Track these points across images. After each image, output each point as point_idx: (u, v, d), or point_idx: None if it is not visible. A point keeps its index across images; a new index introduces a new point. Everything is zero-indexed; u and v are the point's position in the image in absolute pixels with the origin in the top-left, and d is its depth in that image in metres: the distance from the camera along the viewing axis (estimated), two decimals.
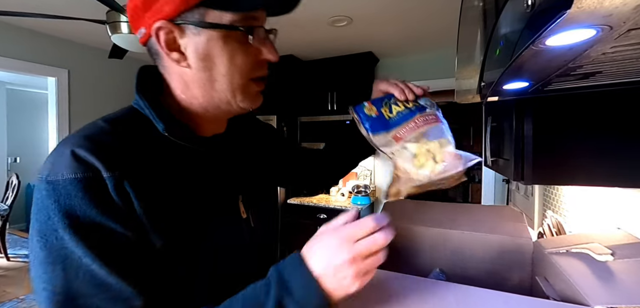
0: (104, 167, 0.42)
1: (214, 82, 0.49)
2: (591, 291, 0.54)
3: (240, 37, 0.47)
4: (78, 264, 0.40)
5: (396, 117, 0.59)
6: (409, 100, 0.63)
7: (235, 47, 0.48)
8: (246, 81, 0.50)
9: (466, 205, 1.14)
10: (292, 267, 0.44)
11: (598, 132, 0.65)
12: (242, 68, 0.49)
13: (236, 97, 0.51)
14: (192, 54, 0.47)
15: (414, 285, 0.60)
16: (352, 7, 2.06)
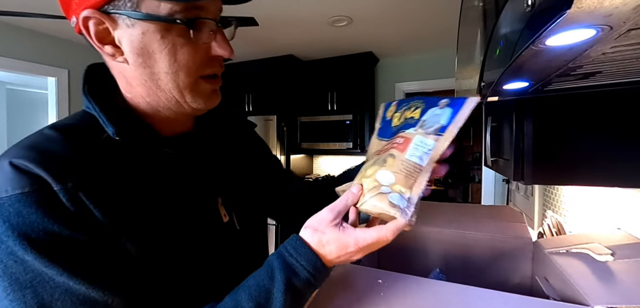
0: (53, 179, 0.37)
1: (157, 80, 0.44)
2: (591, 291, 0.54)
3: (182, 30, 0.42)
4: (52, 285, 0.36)
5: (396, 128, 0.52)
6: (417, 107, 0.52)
7: (177, 42, 0.42)
8: (195, 79, 0.45)
9: (466, 205, 1.14)
10: (293, 248, 0.45)
11: (598, 132, 0.65)
12: (187, 65, 0.43)
13: (185, 97, 0.45)
14: (127, 48, 0.42)
15: (414, 285, 0.60)
16: (352, 7, 2.06)
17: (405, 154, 0.45)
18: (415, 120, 0.49)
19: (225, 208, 0.55)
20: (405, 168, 0.45)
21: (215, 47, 0.45)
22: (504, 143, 0.83)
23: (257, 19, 0.56)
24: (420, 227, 0.98)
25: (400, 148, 0.46)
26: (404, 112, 0.52)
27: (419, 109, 0.50)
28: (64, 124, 0.44)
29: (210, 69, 0.46)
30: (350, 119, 2.99)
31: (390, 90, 3.20)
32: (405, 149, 0.46)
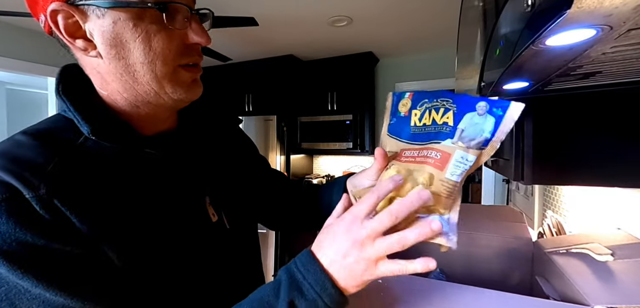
0: (24, 186, 0.35)
1: (134, 72, 0.41)
2: (591, 291, 0.54)
3: (155, 17, 0.40)
4: (29, 297, 0.34)
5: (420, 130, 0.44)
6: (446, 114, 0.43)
7: (151, 29, 0.40)
8: (172, 68, 0.43)
9: (466, 205, 1.14)
10: (302, 264, 0.40)
11: (598, 132, 0.65)
12: (164, 53, 0.41)
13: (164, 88, 0.43)
14: (99, 41, 0.40)
15: (414, 285, 0.60)
16: (352, 7, 2.06)
17: (446, 173, 0.39)
18: (450, 128, 0.41)
19: (213, 208, 0.52)
20: (444, 188, 0.39)
21: (191, 35, 0.43)
22: (504, 143, 0.83)
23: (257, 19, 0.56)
24: None
25: (438, 166, 0.40)
26: (428, 111, 0.44)
27: (450, 111, 0.42)
28: (37, 129, 0.42)
29: (187, 58, 0.44)
30: (350, 119, 2.99)
31: (390, 90, 3.18)
32: (445, 166, 0.39)
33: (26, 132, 0.41)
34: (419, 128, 0.44)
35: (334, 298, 0.39)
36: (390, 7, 2.05)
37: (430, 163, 0.40)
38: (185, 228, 0.47)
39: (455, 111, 0.42)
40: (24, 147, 0.39)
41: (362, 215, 0.38)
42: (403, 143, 0.45)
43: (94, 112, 0.42)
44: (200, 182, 0.52)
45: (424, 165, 0.40)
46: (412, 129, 0.45)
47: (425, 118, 0.44)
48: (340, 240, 0.39)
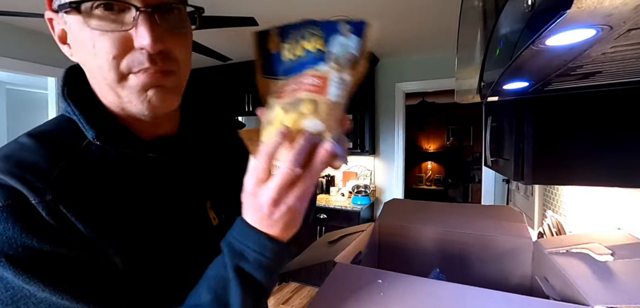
0: (31, 191, 0.35)
1: (96, 78, 0.41)
2: (591, 291, 0.54)
3: (98, 18, 0.37)
4: (35, 302, 0.35)
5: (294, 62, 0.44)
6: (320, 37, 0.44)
7: (96, 32, 0.37)
8: (119, 75, 0.39)
9: (466, 205, 1.14)
10: (237, 232, 0.41)
11: (598, 132, 0.65)
12: (106, 57, 0.38)
13: (122, 97, 0.41)
14: (72, 46, 0.41)
15: (414, 285, 0.60)
16: (352, 7, 2.06)
17: (328, 95, 0.40)
18: (322, 53, 0.42)
19: (214, 211, 0.52)
20: (329, 110, 0.40)
21: (135, 38, 0.38)
22: (504, 143, 0.83)
23: (256, 19, 0.54)
24: (420, 227, 0.98)
25: (319, 91, 0.41)
26: (297, 42, 0.44)
27: (319, 37, 0.43)
28: (42, 131, 0.42)
29: (136, 65, 0.39)
30: (350, 119, 2.99)
31: (391, 90, 3.20)
32: (325, 89, 0.41)
33: (31, 135, 0.41)
34: (293, 61, 0.44)
35: (275, 250, 0.40)
36: (390, 7, 2.05)
37: (311, 90, 0.41)
38: (187, 232, 0.47)
39: (323, 37, 0.43)
40: (29, 151, 0.39)
41: (261, 178, 0.38)
42: (280, 80, 0.45)
43: (99, 117, 0.42)
44: (201, 186, 0.52)
45: (305, 92, 0.41)
46: (286, 63, 0.44)
47: (297, 49, 0.44)
48: (257, 205, 0.39)
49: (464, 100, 1.00)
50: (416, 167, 6.47)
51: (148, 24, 0.38)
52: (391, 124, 3.20)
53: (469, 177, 5.96)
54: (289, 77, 0.44)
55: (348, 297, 0.57)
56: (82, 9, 0.37)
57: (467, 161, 5.99)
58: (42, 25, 2.41)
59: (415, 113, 6.01)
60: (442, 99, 5.69)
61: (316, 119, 0.40)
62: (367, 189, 3.09)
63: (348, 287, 0.60)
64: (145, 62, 0.39)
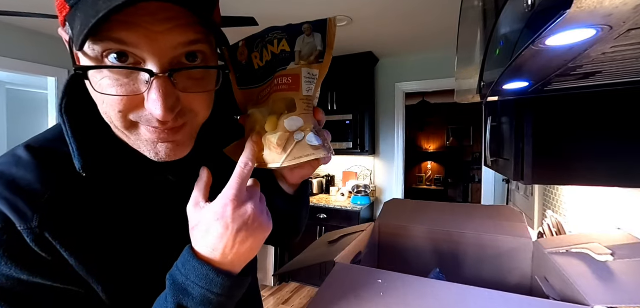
0: (18, 217, 0.34)
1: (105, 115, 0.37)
2: (591, 291, 0.54)
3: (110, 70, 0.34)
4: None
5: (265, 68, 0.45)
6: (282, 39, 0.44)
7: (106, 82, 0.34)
8: (128, 123, 0.36)
9: (466, 205, 1.14)
10: (182, 264, 0.37)
11: (598, 132, 0.65)
12: (115, 110, 0.35)
13: (129, 138, 0.38)
14: None
15: (414, 285, 0.60)
16: (352, 7, 2.06)
17: (302, 91, 0.42)
18: (288, 53, 0.43)
19: None
20: (306, 105, 0.42)
21: (147, 99, 0.35)
22: (504, 143, 0.83)
23: (257, 18, 0.54)
24: (420, 227, 0.98)
25: (293, 88, 0.42)
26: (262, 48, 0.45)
27: (283, 40, 0.44)
28: (41, 145, 0.40)
29: (144, 121, 0.36)
30: (350, 119, 2.99)
31: (391, 90, 3.20)
32: (299, 86, 0.42)
33: (29, 147, 0.39)
34: (264, 67, 0.45)
35: (225, 285, 0.36)
36: (390, 7, 2.05)
37: (285, 89, 0.42)
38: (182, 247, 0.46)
39: (287, 38, 0.44)
40: (24, 168, 0.37)
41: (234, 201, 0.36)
42: (255, 88, 0.45)
43: (91, 144, 0.39)
44: None
45: (281, 92, 0.42)
46: (258, 71, 0.45)
47: (265, 55, 0.44)
48: (218, 228, 0.35)
49: (464, 100, 1.00)
50: (416, 167, 6.47)
51: (162, 93, 0.34)
52: (391, 124, 3.20)
53: (469, 177, 5.96)
54: (263, 83, 0.45)
55: (348, 297, 0.57)
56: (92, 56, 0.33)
57: (467, 161, 5.99)
58: (42, 25, 2.41)
59: (415, 113, 6.01)
60: (442, 99, 5.69)
61: (295, 117, 0.41)
62: (367, 189, 3.09)
63: (348, 287, 0.60)
64: (155, 123, 0.36)
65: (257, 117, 0.43)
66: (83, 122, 0.40)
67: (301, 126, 0.41)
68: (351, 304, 0.55)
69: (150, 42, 0.33)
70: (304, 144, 0.41)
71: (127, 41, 0.32)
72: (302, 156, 0.41)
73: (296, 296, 2.90)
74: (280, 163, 0.41)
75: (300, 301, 2.82)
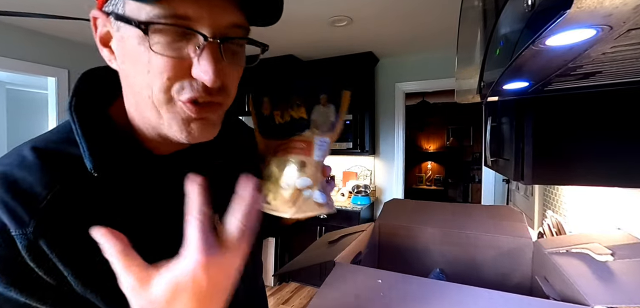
0: (14, 222, 0.33)
1: (136, 93, 0.38)
2: (591, 291, 0.54)
3: (160, 38, 0.35)
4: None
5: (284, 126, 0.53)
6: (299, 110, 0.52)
7: (154, 50, 0.35)
8: (169, 97, 0.37)
9: (466, 205, 1.14)
10: None
11: (598, 132, 0.65)
12: (160, 77, 0.36)
13: (162, 117, 0.38)
14: (116, 52, 0.38)
15: (414, 285, 0.60)
16: (352, 7, 2.06)
17: (314, 156, 0.49)
18: (305, 121, 0.52)
19: None
20: (315, 168, 0.49)
21: (195, 65, 0.36)
22: (504, 143, 0.83)
23: None
24: (420, 227, 0.98)
25: (306, 153, 0.49)
26: (283, 109, 0.54)
27: (301, 107, 0.53)
28: (47, 143, 0.39)
29: (187, 92, 0.37)
30: (350, 119, 2.99)
31: (391, 90, 3.20)
32: (311, 152, 0.49)
33: (35, 148, 0.38)
34: (282, 124, 0.53)
35: None
36: (390, 7, 2.05)
37: (299, 152, 0.50)
38: None
39: (306, 107, 0.53)
40: (27, 169, 0.36)
41: None
42: (275, 140, 0.53)
43: (98, 141, 0.39)
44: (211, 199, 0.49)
45: (295, 154, 0.50)
46: (279, 126, 0.53)
47: (286, 115, 0.53)
48: None
49: (464, 100, 1.00)
50: (416, 167, 6.47)
51: (212, 58, 0.36)
52: (391, 124, 3.20)
53: (469, 177, 5.96)
54: (281, 138, 0.52)
55: (348, 297, 0.57)
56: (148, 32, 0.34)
57: (467, 161, 5.99)
58: (42, 24, 2.41)
59: (415, 113, 6.01)
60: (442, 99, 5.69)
61: (305, 177, 0.48)
62: (367, 189, 3.09)
63: (348, 287, 0.60)
64: (200, 92, 0.37)
65: (274, 170, 0.50)
66: (92, 121, 0.40)
67: (310, 185, 0.48)
68: (351, 304, 0.55)
69: (209, 13, 0.35)
70: (311, 201, 0.47)
71: (188, 8, 0.34)
72: (309, 211, 0.48)
73: (296, 296, 2.90)
74: (289, 215, 0.47)
75: (300, 301, 2.82)
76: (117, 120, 0.42)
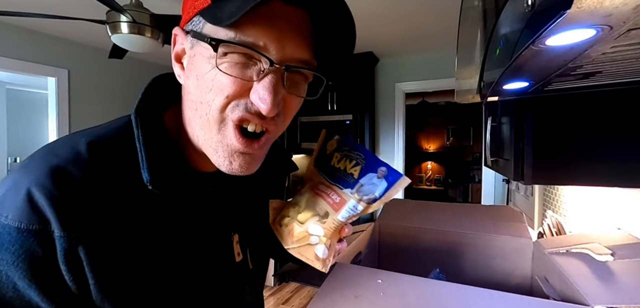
0: (59, 222, 0.33)
1: (195, 110, 0.39)
2: (591, 291, 0.54)
3: (229, 58, 0.36)
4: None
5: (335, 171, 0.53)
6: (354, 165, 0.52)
7: (221, 69, 0.36)
8: (223, 118, 0.38)
9: (466, 205, 1.14)
10: None
11: (598, 132, 0.65)
12: (220, 93, 0.37)
13: (212, 138, 0.39)
14: (186, 68, 0.40)
15: (414, 285, 0.60)
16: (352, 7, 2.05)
17: (338, 215, 0.48)
18: (353, 181, 0.50)
19: (240, 246, 0.51)
20: (335, 226, 0.49)
21: (254, 89, 0.37)
22: (504, 143, 0.83)
23: None
24: (420, 227, 0.98)
25: (335, 207, 0.49)
26: (344, 156, 0.53)
27: (359, 166, 0.51)
28: (101, 138, 0.39)
29: (239, 111, 0.37)
30: (350, 119, 2.99)
31: (391, 90, 3.20)
32: (340, 210, 0.49)
33: (91, 144, 0.38)
34: (335, 168, 0.53)
35: None
36: (390, 6, 2.05)
37: (330, 202, 0.50)
38: (209, 267, 0.46)
39: (363, 167, 0.51)
40: (79, 167, 0.36)
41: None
42: (322, 176, 0.53)
43: (159, 153, 0.40)
44: (232, 218, 0.50)
45: (326, 201, 0.50)
46: (331, 167, 0.53)
47: (341, 163, 0.53)
48: None
49: (464, 100, 1.00)
50: (416, 167, 6.47)
51: (272, 87, 0.36)
52: (391, 124, 3.20)
53: (469, 177, 5.96)
54: (327, 179, 0.52)
55: (348, 297, 0.57)
56: (218, 49, 0.35)
57: (467, 161, 5.99)
58: (42, 25, 2.41)
59: (415, 113, 6.01)
60: (442, 99, 5.69)
61: (320, 227, 0.48)
62: None
63: (348, 287, 0.60)
64: (252, 114, 0.38)
65: (302, 201, 0.51)
66: (152, 131, 0.41)
67: (320, 235, 0.48)
68: (351, 304, 0.55)
69: (279, 44, 0.36)
70: (312, 249, 0.48)
71: (260, 36, 0.35)
72: (304, 255, 0.49)
73: (296, 296, 2.90)
74: (286, 246, 0.49)
75: (300, 301, 2.82)
76: (170, 130, 0.44)
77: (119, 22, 1.56)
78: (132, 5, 1.57)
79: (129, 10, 1.52)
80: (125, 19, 1.55)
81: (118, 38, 1.61)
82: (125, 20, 1.55)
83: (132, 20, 1.54)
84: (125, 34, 1.58)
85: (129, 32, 1.58)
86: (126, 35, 1.59)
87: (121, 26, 1.57)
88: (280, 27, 0.36)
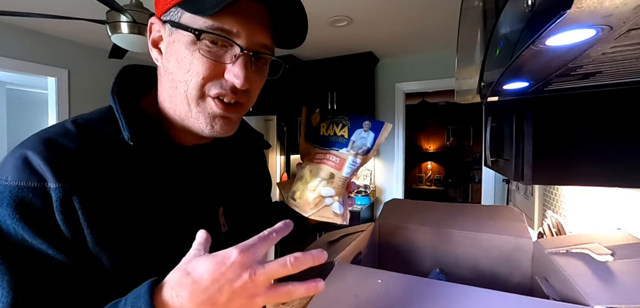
0: (53, 176, 0.38)
1: (175, 87, 0.46)
2: (591, 291, 0.54)
3: (207, 45, 0.43)
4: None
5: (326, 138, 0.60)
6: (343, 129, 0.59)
7: (198, 54, 0.43)
8: (201, 93, 0.45)
9: (466, 205, 1.14)
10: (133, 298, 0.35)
11: (598, 132, 0.65)
12: (197, 75, 0.44)
13: (192, 111, 0.46)
14: (164, 52, 0.46)
15: (414, 285, 0.60)
16: (352, 7, 2.06)
17: (343, 172, 0.56)
18: (345, 140, 0.58)
19: (225, 218, 0.56)
20: (341, 183, 0.56)
21: (228, 70, 0.45)
22: (504, 143, 0.83)
23: None
24: (419, 227, 0.98)
25: (337, 167, 0.57)
26: (330, 123, 0.60)
27: (346, 127, 0.59)
28: (86, 119, 0.46)
29: (216, 88, 0.45)
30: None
31: (391, 90, 3.20)
32: (342, 168, 0.56)
33: (76, 122, 0.44)
34: (325, 136, 0.60)
35: None
36: (390, 6, 2.05)
37: (331, 165, 0.57)
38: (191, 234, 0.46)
39: (349, 127, 0.59)
40: (69, 138, 0.41)
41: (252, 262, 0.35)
42: (316, 147, 0.60)
43: (137, 120, 0.46)
44: (217, 192, 0.56)
45: (327, 165, 0.57)
46: (322, 137, 0.60)
47: (330, 129, 0.60)
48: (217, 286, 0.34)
49: (464, 100, 1.00)
50: (416, 167, 6.47)
51: (244, 67, 0.44)
52: (391, 123, 3.20)
53: (469, 177, 5.96)
54: (321, 148, 0.59)
55: (348, 297, 0.57)
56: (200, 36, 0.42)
57: (467, 161, 5.99)
58: (42, 25, 2.41)
59: (415, 113, 6.01)
60: (442, 99, 5.69)
61: (331, 188, 0.55)
62: (367, 189, 3.09)
63: (348, 287, 0.60)
64: (227, 91, 0.45)
65: (306, 173, 0.57)
66: (130, 104, 0.47)
67: (332, 195, 0.55)
68: (351, 304, 0.55)
69: (248, 31, 0.44)
70: (329, 209, 0.55)
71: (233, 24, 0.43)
72: (324, 216, 0.55)
73: None
74: (307, 215, 0.56)
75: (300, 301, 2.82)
76: (148, 111, 0.50)
77: (119, 22, 1.56)
78: (132, 5, 1.57)
79: (129, 10, 1.52)
80: (125, 19, 1.54)
81: (118, 38, 1.61)
82: (125, 20, 1.55)
83: (132, 20, 1.54)
84: (125, 34, 1.58)
85: (129, 32, 1.58)
86: (126, 35, 1.59)
87: (121, 26, 1.57)
88: (248, 19, 0.44)
